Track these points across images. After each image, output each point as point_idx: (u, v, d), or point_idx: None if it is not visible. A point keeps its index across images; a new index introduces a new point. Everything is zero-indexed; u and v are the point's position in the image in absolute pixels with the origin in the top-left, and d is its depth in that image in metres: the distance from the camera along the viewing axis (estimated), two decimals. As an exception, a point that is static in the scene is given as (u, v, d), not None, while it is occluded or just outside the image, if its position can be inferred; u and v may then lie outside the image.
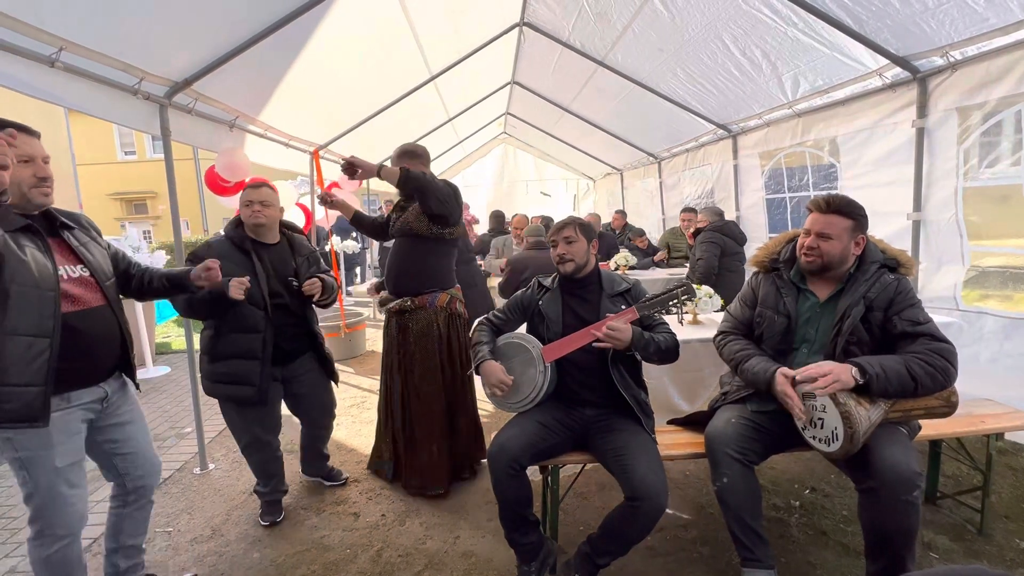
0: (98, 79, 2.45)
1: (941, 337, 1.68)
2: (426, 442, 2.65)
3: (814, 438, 1.71)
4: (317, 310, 2.56)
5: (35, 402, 1.47)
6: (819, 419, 1.68)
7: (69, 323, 1.55)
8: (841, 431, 1.59)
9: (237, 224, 2.36)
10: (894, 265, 1.83)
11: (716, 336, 2.10)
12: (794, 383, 1.71)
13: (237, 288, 2.04)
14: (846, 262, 1.82)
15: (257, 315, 2.23)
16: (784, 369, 1.76)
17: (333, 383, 2.64)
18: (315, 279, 2.37)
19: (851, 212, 1.80)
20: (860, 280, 1.80)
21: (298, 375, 2.47)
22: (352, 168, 2.44)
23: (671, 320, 2.80)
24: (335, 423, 2.72)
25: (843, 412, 1.58)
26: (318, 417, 2.66)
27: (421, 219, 2.53)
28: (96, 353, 1.67)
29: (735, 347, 1.97)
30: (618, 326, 1.86)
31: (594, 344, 1.88)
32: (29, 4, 1.97)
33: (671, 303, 1.95)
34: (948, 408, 1.76)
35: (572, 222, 2.12)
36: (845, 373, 1.61)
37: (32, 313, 1.46)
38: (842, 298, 1.81)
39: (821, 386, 1.60)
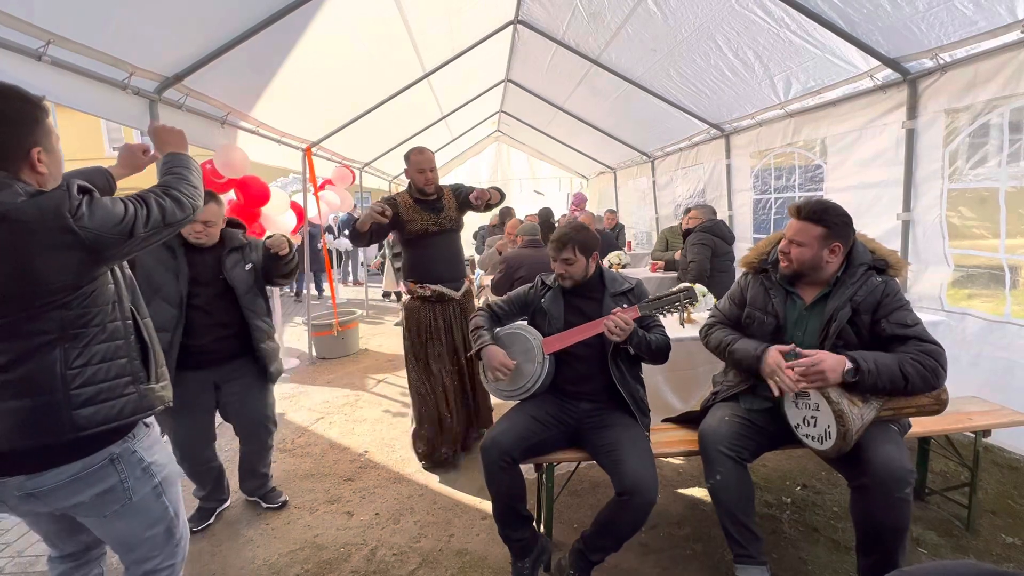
0: (86, 74, 2.41)
1: (930, 339, 1.70)
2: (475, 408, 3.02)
3: (808, 436, 1.73)
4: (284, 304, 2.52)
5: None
6: (812, 417, 1.70)
7: None
8: (834, 429, 1.61)
9: None
10: (883, 267, 1.82)
11: (701, 330, 2.11)
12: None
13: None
14: (820, 269, 1.81)
15: (168, 312, 2.11)
16: (779, 346, 1.76)
17: (268, 398, 2.46)
18: (280, 236, 2.32)
19: (823, 220, 1.75)
20: (847, 283, 1.79)
21: (229, 380, 2.31)
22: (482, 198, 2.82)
23: (671, 322, 2.82)
24: (328, 423, 2.67)
25: (836, 411, 1.60)
26: (248, 429, 2.45)
27: (461, 219, 2.91)
28: None
29: (720, 334, 1.99)
30: (626, 317, 1.88)
31: (603, 329, 1.89)
32: (16, -4, 1.94)
33: (673, 306, 1.97)
34: (938, 406, 1.78)
35: (570, 242, 2.03)
36: (837, 369, 1.62)
37: None
38: (829, 301, 1.81)
39: (811, 377, 1.62)
